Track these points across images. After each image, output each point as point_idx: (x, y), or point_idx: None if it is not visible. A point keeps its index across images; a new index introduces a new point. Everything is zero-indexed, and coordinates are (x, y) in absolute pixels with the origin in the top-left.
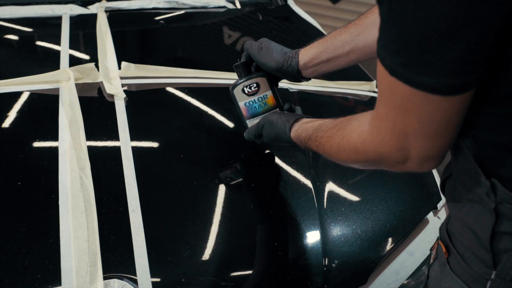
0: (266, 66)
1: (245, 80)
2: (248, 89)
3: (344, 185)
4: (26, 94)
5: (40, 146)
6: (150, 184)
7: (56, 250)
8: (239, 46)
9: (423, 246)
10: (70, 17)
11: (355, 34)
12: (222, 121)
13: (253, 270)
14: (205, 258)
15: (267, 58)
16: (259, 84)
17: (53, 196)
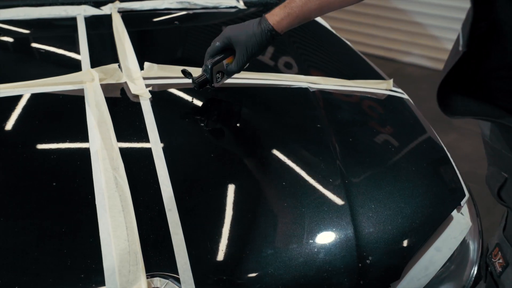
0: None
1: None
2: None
3: (371, 181)
4: (50, 96)
5: (71, 147)
6: (183, 183)
7: (97, 249)
8: None
9: (449, 242)
10: (85, 18)
11: (317, 4)
12: (248, 119)
13: (289, 267)
14: (243, 256)
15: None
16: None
17: (89, 196)
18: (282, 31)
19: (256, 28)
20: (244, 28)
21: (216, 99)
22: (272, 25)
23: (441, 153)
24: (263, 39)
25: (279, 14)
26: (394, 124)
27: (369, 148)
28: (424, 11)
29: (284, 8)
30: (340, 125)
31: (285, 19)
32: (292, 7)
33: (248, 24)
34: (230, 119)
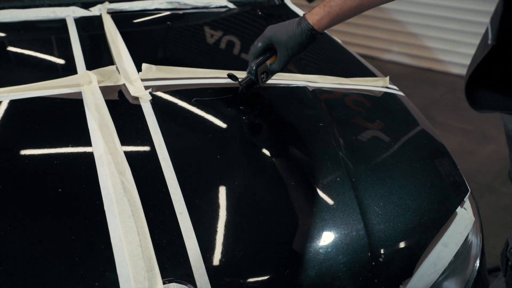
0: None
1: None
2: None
3: (377, 179)
4: (47, 100)
5: (74, 151)
6: (191, 185)
7: (110, 256)
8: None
9: (455, 237)
10: (74, 19)
11: (358, 1)
12: (250, 119)
13: (305, 268)
14: (257, 257)
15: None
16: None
17: (97, 202)
18: (322, 30)
19: (296, 28)
20: (284, 28)
21: (217, 99)
22: (312, 25)
23: (442, 149)
24: (303, 39)
25: (319, 13)
26: (394, 121)
27: (373, 146)
28: (403, 9)
29: (323, 7)
30: (342, 124)
31: (325, 18)
32: (332, 5)
33: (288, 24)
34: (232, 119)
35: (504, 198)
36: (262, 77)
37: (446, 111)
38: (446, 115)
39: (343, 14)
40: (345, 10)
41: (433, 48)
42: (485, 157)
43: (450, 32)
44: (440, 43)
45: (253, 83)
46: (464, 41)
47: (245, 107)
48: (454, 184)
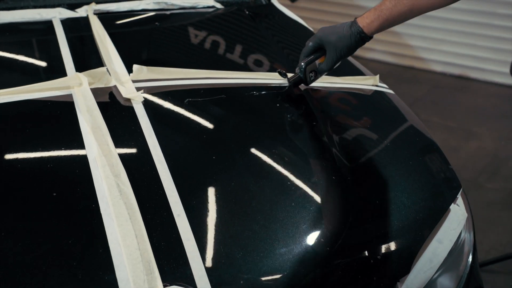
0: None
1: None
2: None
3: (372, 177)
4: (37, 103)
5: (67, 154)
6: (188, 186)
7: (108, 260)
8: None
9: (449, 233)
10: (61, 20)
11: (408, 5)
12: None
13: (305, 267)
14: (257, 258)
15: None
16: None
17: (93, 205)
18: (372, 33)
19: (347, 30)
20: (336, 30)
21: (210, 99)
22: (361, 28)
23: (433, 146)
24: (352, 42)
25: (369, 16)
26: (386, 119)
27: (366, 144)
28: None
29: (374, 11)
30: (336, 122)
31: (375, 21)
32: (382, 9)
33: (340, 26)
34: (226, 119)
35: (489, 193)
36: (311, 76)
37: (430, 109)
38: (430, 113)
39: (392, 19)
40: (395, 14)
41: (415, 46)
42: (469, 154)
43: (432, 30)
44: (422, 41)
45: (301, 81)
46: (446, 39)
47: (238, 107)
48: (447, 180)
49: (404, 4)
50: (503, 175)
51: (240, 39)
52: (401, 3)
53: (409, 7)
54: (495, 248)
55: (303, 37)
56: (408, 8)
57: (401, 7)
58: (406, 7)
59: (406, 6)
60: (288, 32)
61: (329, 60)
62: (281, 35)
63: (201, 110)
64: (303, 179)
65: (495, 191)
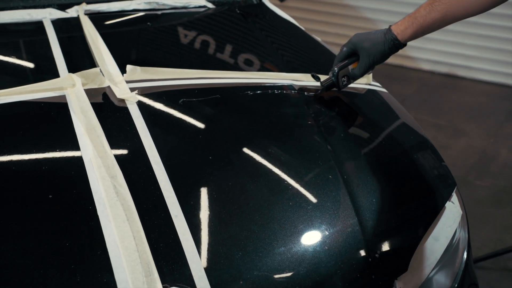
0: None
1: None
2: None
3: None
4: (30, 104)
5: (62, 156)
6: (185, 187)
7: (107, 262)
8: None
9: (445, 231)
10: (52, 21)
11: (442, 12)
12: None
13: (304, 266)
14: (255, 258)
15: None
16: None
17: (90, 207)
18: (406, 40)
19: (381, 37)
20: (370, 36)
21: (205, 99)
22: (395, 35)
23: (427, 144)
24: (386, 48)
25: (403, 23)
26: (380, 118)
27: (361, 143)
28: (374, 7)
29: (408, 18)
30: (331, 122)
31: (409, 28)
32: (416, 16)
33: (374, 33)
34: (221, 119)
35: (479, 191)
36: (343, 80)
37: (419, 107)
38: (419, 111)
39: (426, 26)
40: (429, 21)
41: None
42: (458, 151)
43: None
44: None
45: (333, 85)
46: (434, 38)
47: (233, 107)
48: (442, 178)
49: (438, 11)
50: (492, 172)
51: (232, 39)
52: (435, 10)
53: (442, 14)
54: (486, 245)
55: (295, 36)
56: (442, 16)
57: (435, 14)
58: (440, 14)
59: (440, 13)
60: (280, 31)
61: (362, 66)
62: (273, 34)
63: (196, 110)
64: (299, 179)
65: (484, 188)
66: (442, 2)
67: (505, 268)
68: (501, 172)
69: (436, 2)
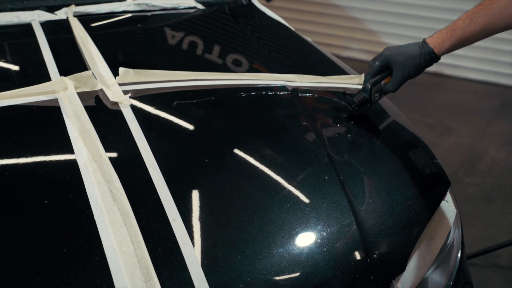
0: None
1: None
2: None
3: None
4: (22, 108)
5: (57, 160)
6: (182, 190)
7: (105, 268)
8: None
9: (441, 230)
10: (40, 23)
11: (482, 24)
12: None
13: (303, 268)
14: (255, 260)
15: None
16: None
17: (86, 212)
18: (442, 54)
19: (416, 50)
20: (404, 50)
21: (199, 102)
22: (432, 48)
23: (421, 143)
24: (421, 62)
25: (441, 36)
26: (373, 117)
27: (356, 143)
28: (360, 7)
29: (446, 31)
30: (325, 122)
31: (447, 41)
32: (455, 29)
33: (408, 46)
34: (216, 121)
35: (468, 188)
36: (375, 96)
37: (407, 106)
38: (408, 110)
39: (465, 38)
40: (468, 34)
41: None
42: (447, 149)
43: (406, 28)
44: (397, 39)
45: (366, 101)
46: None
47: (227, 109)
48: (436, 177)
49: (479, 23)
50: (481, 170)
51: (224, 40)
52: (476, 22)
53: (483, 27)
54: (476, 242)
55: (286, 37)
56: (483, 28)
57: (475, 26)
58: (481, 26)
59: (481, 25)
60: (270, 32)
61: (396, 80)
62: (264, 35)
63: (190, 112)
64: (296, 180)
65: (473, 185)
66: (482, 14)
67: (495, 265)
68: (489, 170)
69: (477, 14)
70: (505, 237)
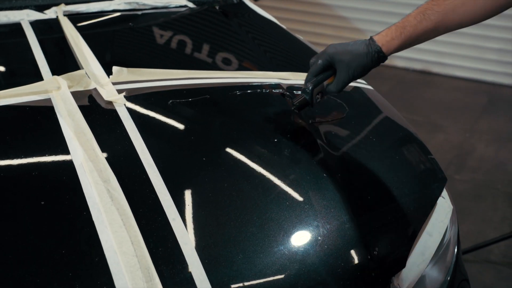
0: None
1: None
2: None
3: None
4: (14, 108)
5: (52, 161)
6: (180, 189)
7: (105, 269)
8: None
9: (438, 226)
10: (30, 23)
11: (435, 22)
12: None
13: (305, 267)
14: (256, 259)
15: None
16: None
17: (84, 213)
18: (391, 53)
19: (363, 48)
20: (349, 48)
21: (195, 100)
22: (380, 46)
23: (416, 140)
24: (368, 61)
25: (390, 34)
26: (369, 114)
27: (352, 140)
28: (348, 5)
29: (396, 28)
30: (321, 119)
31: (396, 39)
32: (405, 26)
33: (354, 43)
34: (211, 119)
35: (458, 185)
36: (317, 98)
37: (396, 104)
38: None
39: (416, 36)
40: (419, 32)
41: None
42: (437, 146)
43: None
44: None
45: (306, 103)
46: None
47: (223, 107)
48: (433, 173)
49: (431, 21)
50: (470, 167)
51: (217, 38)
52: (428, 19)
53: (435, 24)
54: (467, 238)
55: (278, 35)
56: (435, 25)
57: (427, 23)
58: (433, 24)
59: (433, 23)
60: (262, 30)
61: (340, 81)
62: (256, 33)
63: (186, 111)
64: (294, 178)
65: (463, 182)
66: (435, 10)
67: (487, 260)
68: (478, 166)
69: (429, 10)
70: (496, 233)
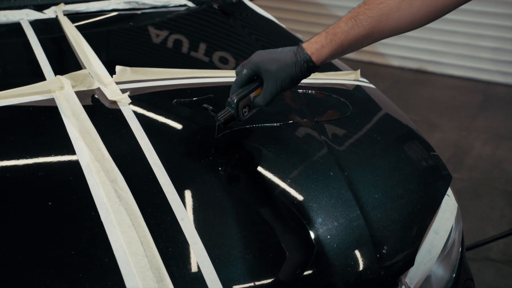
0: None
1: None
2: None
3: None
4: (17, 109)
5: (59, 161)
6: (188, 189)
7: (115, 270)
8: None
9: (444, 224)
10: (30, 22)
11: (368, 28)
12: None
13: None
14: (266, 258)
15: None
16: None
17: (92, 213)
18: (321, 62)
19: (290, 58)
20: (276, 56)
21: (198, 99)
22: (309, 55)
23: (420, 138)
24: (297, 71)
25: (320, 41)
26: (372, 113)
27: (358, 139)
28: (343, 5)
29: (326, 35)
30: (326, 118)
31: (326, 47)
32: (336, 32)
33: (281, 51)
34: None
35: (455, 183)
36: (244, 111)
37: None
38: None
39: (348, 44)
40: (351, 39)
41: None
42: (434, 145)
43: None
44: None
45: (233, 118)
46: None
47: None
48: (438, 171)
49: (363, 27)
50: (467, 165)
51: (217, 37)
52: (360, 24)
53: (368, 31)
54: (466, 236)
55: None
56: (368, 32)
57: (359, 30)
58: (365, 30)
59: (366, 29)
60: (262, 29)
61: (267, 93)
62: (256, 32)
63: (190, 110)
64: (302, 177)
65: (461, 180)
66: (368, 15)
67: (486, 258)
68: (475, 165)
69: (361, 15)
70: (494, 231)
